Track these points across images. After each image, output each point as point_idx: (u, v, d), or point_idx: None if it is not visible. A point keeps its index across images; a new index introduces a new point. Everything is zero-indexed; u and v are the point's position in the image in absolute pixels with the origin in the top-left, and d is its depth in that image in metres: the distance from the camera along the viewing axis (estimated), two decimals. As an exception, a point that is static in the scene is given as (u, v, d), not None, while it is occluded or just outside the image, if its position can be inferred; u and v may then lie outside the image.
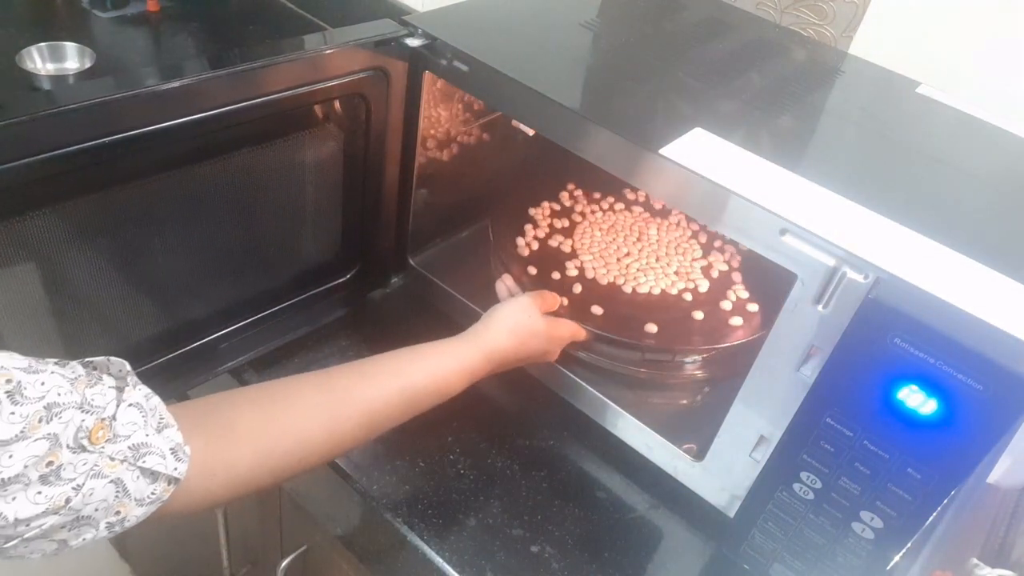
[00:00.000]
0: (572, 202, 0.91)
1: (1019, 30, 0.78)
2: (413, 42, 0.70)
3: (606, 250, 0.85)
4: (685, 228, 0.89)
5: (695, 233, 0.89)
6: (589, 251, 0.84)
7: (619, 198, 0.93)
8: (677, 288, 0.81)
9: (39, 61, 1.17)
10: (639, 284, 0.80)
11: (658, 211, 0.91)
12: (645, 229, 0.88)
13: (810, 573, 0.62)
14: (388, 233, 0.83)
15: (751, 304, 0.80)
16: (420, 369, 0.62)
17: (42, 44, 1.17)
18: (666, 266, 0.83)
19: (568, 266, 0.82)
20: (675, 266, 0.83)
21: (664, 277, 0.82)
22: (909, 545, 0.55)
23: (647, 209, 0.92)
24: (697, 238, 0.88)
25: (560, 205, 0.91)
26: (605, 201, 0.92)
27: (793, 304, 0.55)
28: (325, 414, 0.56)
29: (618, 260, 0.83)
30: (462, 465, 0.73)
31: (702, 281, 0.82)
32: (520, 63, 0.67)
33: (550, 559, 0.67)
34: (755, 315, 0.79)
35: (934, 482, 0.52)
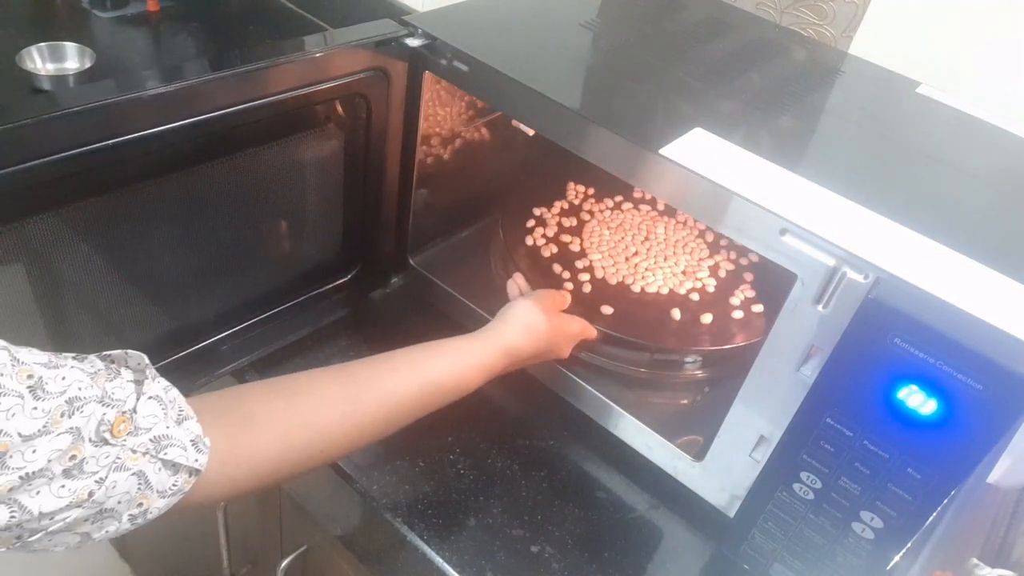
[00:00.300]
0: (580, 200, 0.92)
1: (1019, 30, 0.78)
2: (413, 42, 0.70)
3: (614, 249, 0.85)
4: (692, 227, 0.89)
5: (702, 232, 0.89)
6: (598, 250, 0.85)
7: (627, 196, 0.93)
8: (685, 288, 0.81)
9: (39, 61, 1.17)
10: (648, 283, 0.81)
11: (665, 209, 0.91)
12: (653, 228, 0.88)
13: (810, 573, 0.62)
14: (388, 233, 0.83)
15: (757, 304, 0.80)
16: (440, 364, 0.62)
17: (42, 44, 1.17)
18: (674, 265, 0.83)
19: (577, 265, 0.82)
20: (683, 265, 0.84)
21: (672, 277, 0.82)
22: (909, 545, 0.55)
23: (654, 208, 0.92)
24: (704, 237, 0.88)
25: (568, 203, 0.91)
26: (613, 199, 0.92)
27: (793, 304, 0.55)
28: (346, 406, 0.56)
29: (627, 259, 0.84)
30: (462, 465, 0.73)
31: (709, 280, 0.82)
32: (520, 63, 0.67)
33: (550, 559, 0.67)
34: (761, 315, 0.79)
35: (934, 482, 0.52)
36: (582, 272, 0.82)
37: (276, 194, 0.71)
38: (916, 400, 0.50)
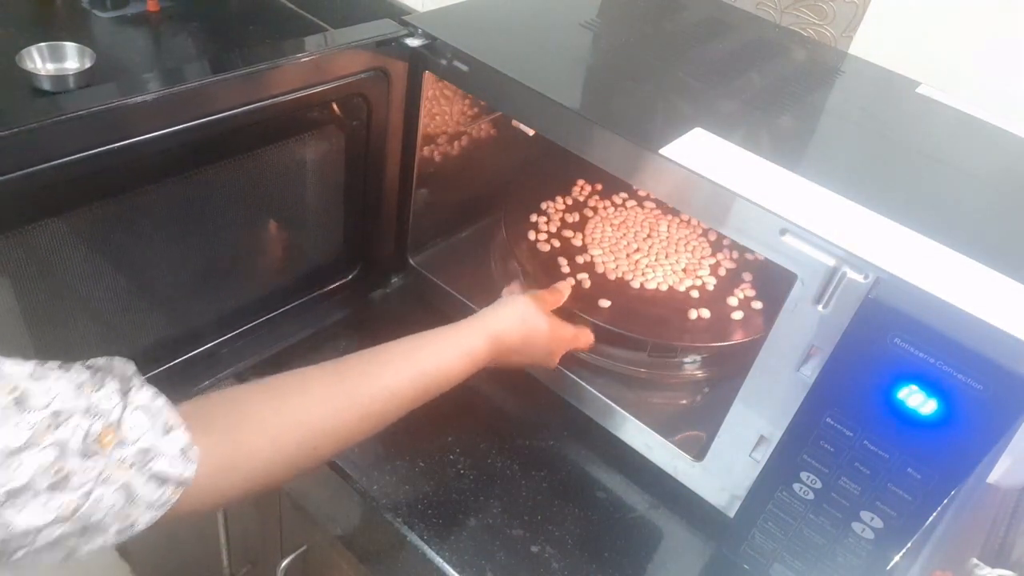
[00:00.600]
0: (585, 197, 0.92)
1: (1019, 30, 0.78)
2: (413, 42, 0.70)
3: (616, 245, 0.85)
4: (695, 225, 0.89)
5: (705, 231, 0.89)
6: (599, 245, 0.85)
7: (631, 194, 0.93)
8: (685, 285, 0.81)
9: (39, 61, 1.16)
10: (647, 280, 0.81)
11: (669, 208, 0.91)
12: (656, 225, 0.88)
13: (810, 573, 0.62)
14: (388, 233, 0.83)
15: (756, 302, 0.80)
16: (429, 354, 0.62)
17: (42, 44, 1.17)
18: (675, 263, 0.83)
19: (578, 260, 0.82)
20: (684, 263, 0.84)
21: (672, 274, 0.82)
22: (909, 545, 0.55)
23: (659, 206, 0.92)
24: (707, 236, 0.88)
25: (572, 200, 0.91)
26: (618, 196, 0.92)
27: (793, 304, 0.55)
28: (337, 402, 0.55)
29: (628, 256, 0.84)
30: (462, 465, 0.73)
31: (710, 279, 0.82)
32: (520, 63, 0.67)
33: (550, 559, 0.67)
34: (761, 314, 0.79)
35: (934, 482, 0.52)
36: (582, 267, 0.82)
37: (278, 196, 0.71)
38: (916, 400, 0.50)
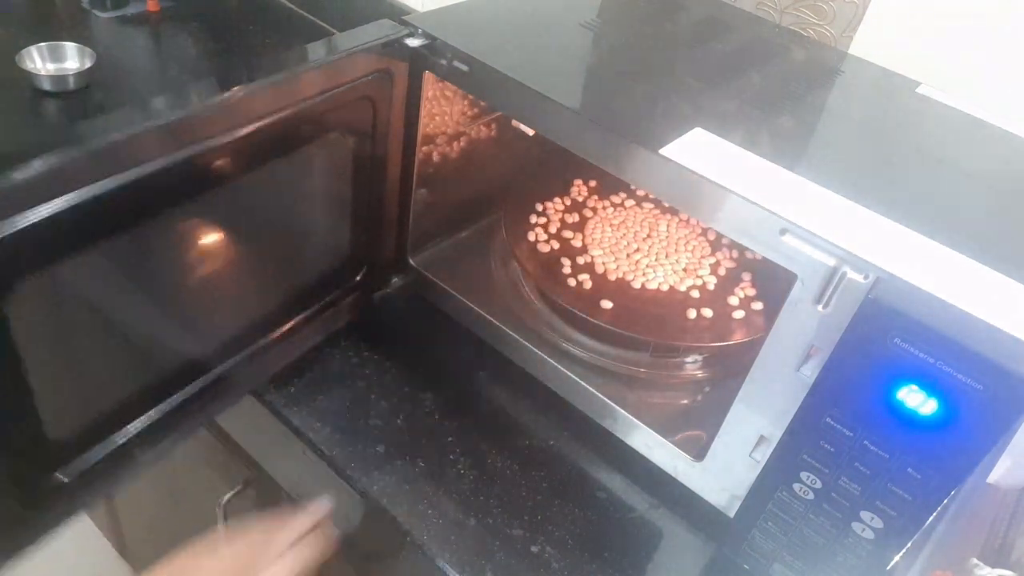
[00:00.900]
0: (584, 198, 0.92)
1: (1019, 30, 0.78)
2: (413, 42, 0.70)
3: (616, 245, 0.85)
4: (695, 225, 0.89)
5: (704, 230, 0.89)
6: (599, 246, 0.85)
7: (630, 194, 0.93)
8: (686, 285, 0.81)
9: (39, 61, 1.16)
10: (648, 280, 0.81)
11: (668, 208, 0.92)
12: (655, 225, 0.88)
13: (810, 573, 0.62)
14: (389, 234, 0.83)
15: (757, 302, 0.80)
16: None
17: (42, 44, 1.17)
18: (675, 263, 0.83)
19: (579, 261, 0.83)
20: (684, 263, 0.84)
21: (673, 274, 0.82)
22: (909, 545, 0.55)
23: (657, 206, 0.92)
24: (706, 235, 0.88)
25: (571, 200, 0.91)
26: (616, 196, 0.92)
27: (793, 304, 0.55)
28: None
29: (628, 256, 0.84)
30: (462, 465, 0.73)
31: (710, 278, 0.82)
32: (520, 63, 0.67)
33: (550, 559, 0.67)
34: (761, 314, 0.79)
35: (934, 482, 0.52)
36: (583, 268, 0.82)
37: (293, 206, 0.71)
38: (916, 400, 0.50)
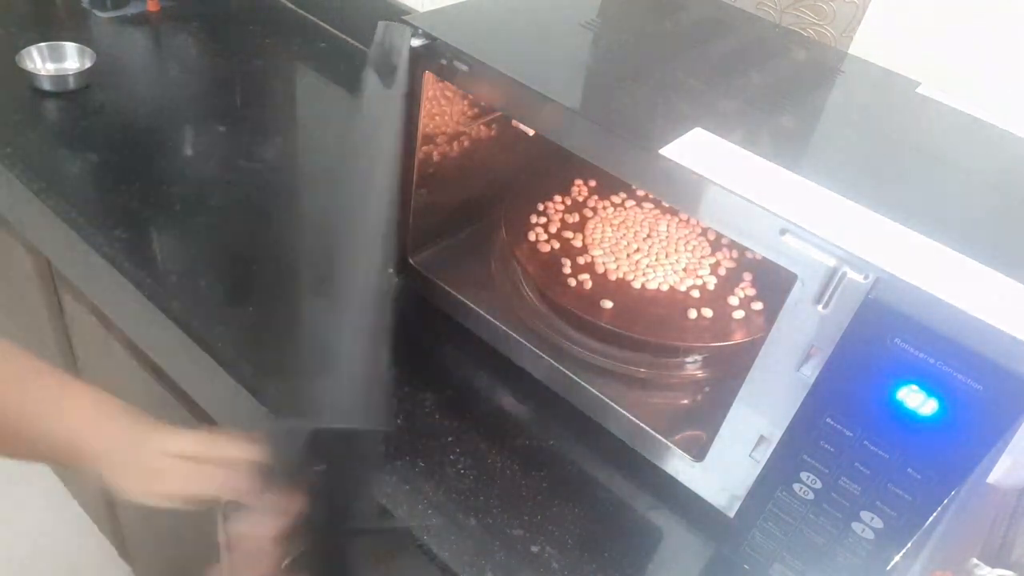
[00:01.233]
0: (584, 198, 0.92)
1: (1019, 30, 0.78)
2: (413, 42, 0.70)
3: (616, 246, 0.85)
4: (695, 225, 0.89)
5: (704, 230, 0.89)
6: (600, 246, 0.85)
7: (630, 194, 0.93)
8: (686, 285, 0.81)
9: (39, 61, 1.17)
10: (648, 280, 0.81)
11: (668, 208, 0.92)
12: (655, 225, 0.88)
13: (810, 573, 0.62)
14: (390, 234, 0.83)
15: (757, 303, 0.80)
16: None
17: (42, 44, 1.17)
18: (675, 263, 0.83)
19: (579, 261, 0.83)
20: (684, 263, 0.84)
21: (673, 274, 0.82)
22: (909, 545, 0.55)
23: (657, 206, 0.92)
24: (706, 235, 0.88)
25: (572, 200, 0.91)
26: (616, 196, 0.92)
27: (793, 304, 0.55)
28: None
29: (628, 256, 0.84)
30: (462, 465, 0.73)
31: (710, 278, 0.82)
32: (520, 63, 0.67)
33: (550, 559, 0.67)
34: (761, 313, 0.79)
35: (934, 482, 0.52)
36: (583, 268, 0.82)
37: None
38: (916, 400, 0.50)
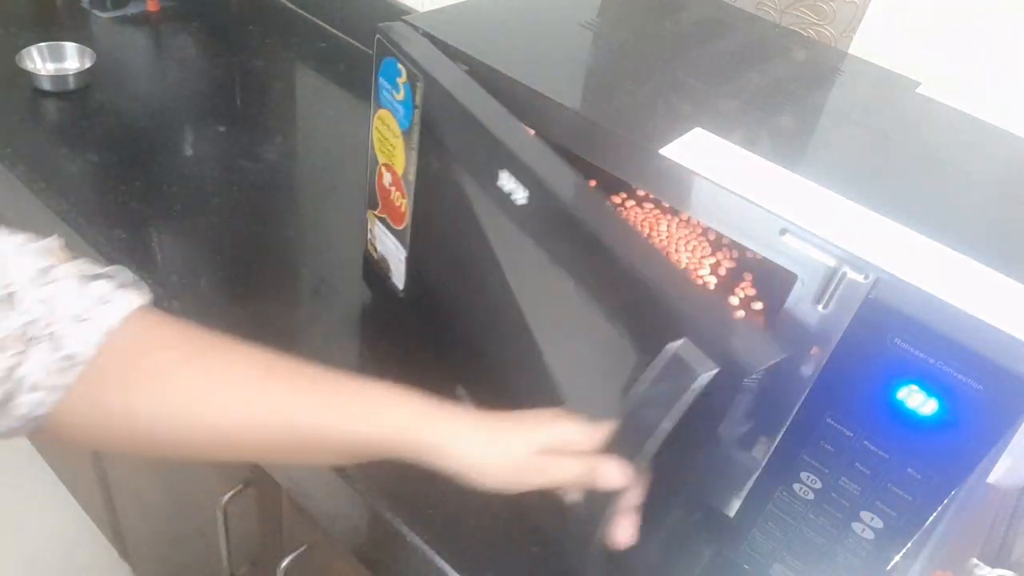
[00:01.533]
0: None
1: (1019, 30, 0.78)
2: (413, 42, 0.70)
3: None
4: (695, 225, 0.89)
5: (704, 230, 0.89)
6: None
7: (630, 194, 0.93)
8: None
9: (39, 61, 1.17)
10: None
11: (668, 208, 0.91)
12: (655, 225, 0.88)
13: (810, 573, 0.62)
14: (388, 233, 0.83)
15: (757, 302, 0.80)
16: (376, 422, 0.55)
17: (42, 44, 1.17)
18: (675, 262, 0.83)
19: None
20: (684, 262, 0.84)
21: None
22: (909, 545, 0.55)
23: (657, 206, 0.92)
24: (706, 235, 0.88)
25: None
26: (617, 196, 0.92)
27: (793, 304, 0.55)
28: (249, 419, 0.50)
29: None
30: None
31: (710, 278, 0.82)
32: (520, 63, 0.67)
33: (550, 559, 0.66)
34: (761, 313, 0.79)
35: (934, 482, 0.52)
36: None
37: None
38: (916, 400, 0.50)
